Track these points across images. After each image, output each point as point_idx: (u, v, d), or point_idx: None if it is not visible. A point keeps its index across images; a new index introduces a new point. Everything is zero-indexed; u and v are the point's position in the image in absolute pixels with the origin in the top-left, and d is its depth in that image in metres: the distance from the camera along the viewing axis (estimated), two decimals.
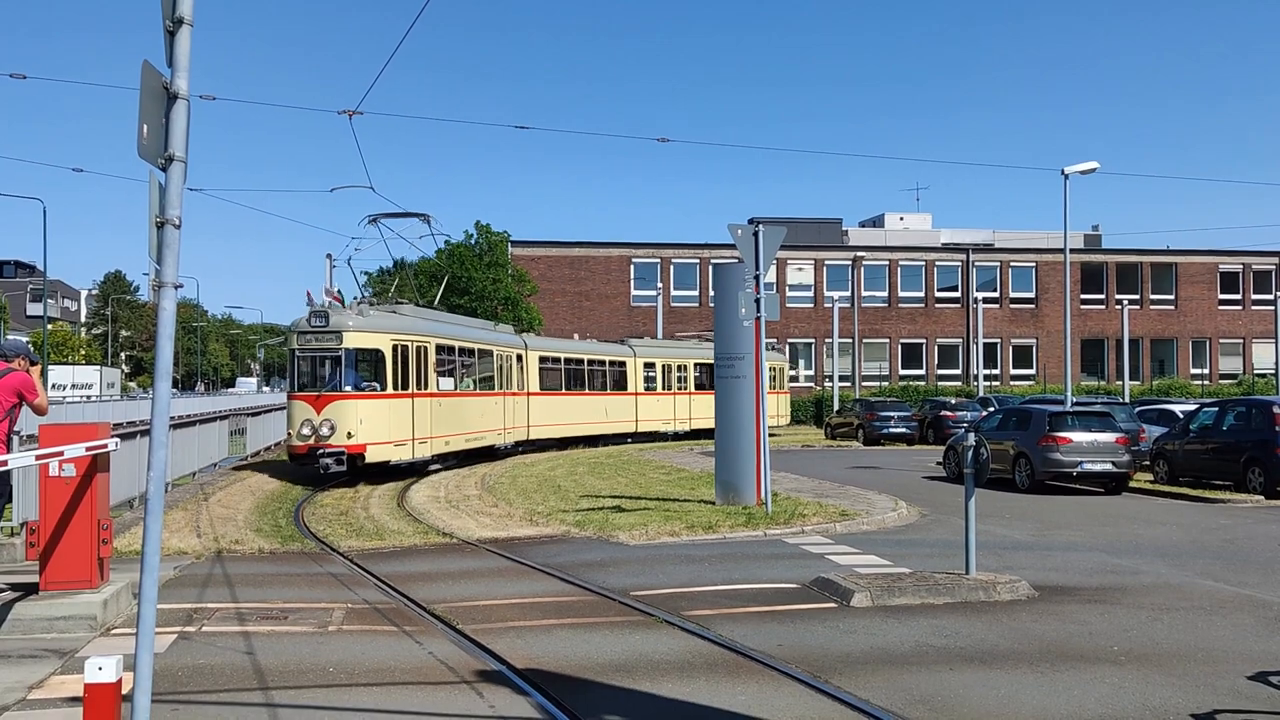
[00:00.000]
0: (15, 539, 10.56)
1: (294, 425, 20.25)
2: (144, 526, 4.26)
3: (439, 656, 7.40)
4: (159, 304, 4.31)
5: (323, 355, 20.50)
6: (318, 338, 20.37)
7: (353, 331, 20.43)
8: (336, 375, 20.35)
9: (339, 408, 20.00)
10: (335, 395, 20.12)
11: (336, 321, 20.43)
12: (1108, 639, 8.00)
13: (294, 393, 20.67)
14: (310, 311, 20.76)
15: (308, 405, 20.07)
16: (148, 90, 4.21)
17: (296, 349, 20.70)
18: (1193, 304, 55.77)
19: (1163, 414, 25.00)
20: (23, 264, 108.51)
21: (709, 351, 35.39)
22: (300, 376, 20.63)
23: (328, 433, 19.74)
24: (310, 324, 20.48)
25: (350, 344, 20.38)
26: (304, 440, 19.90)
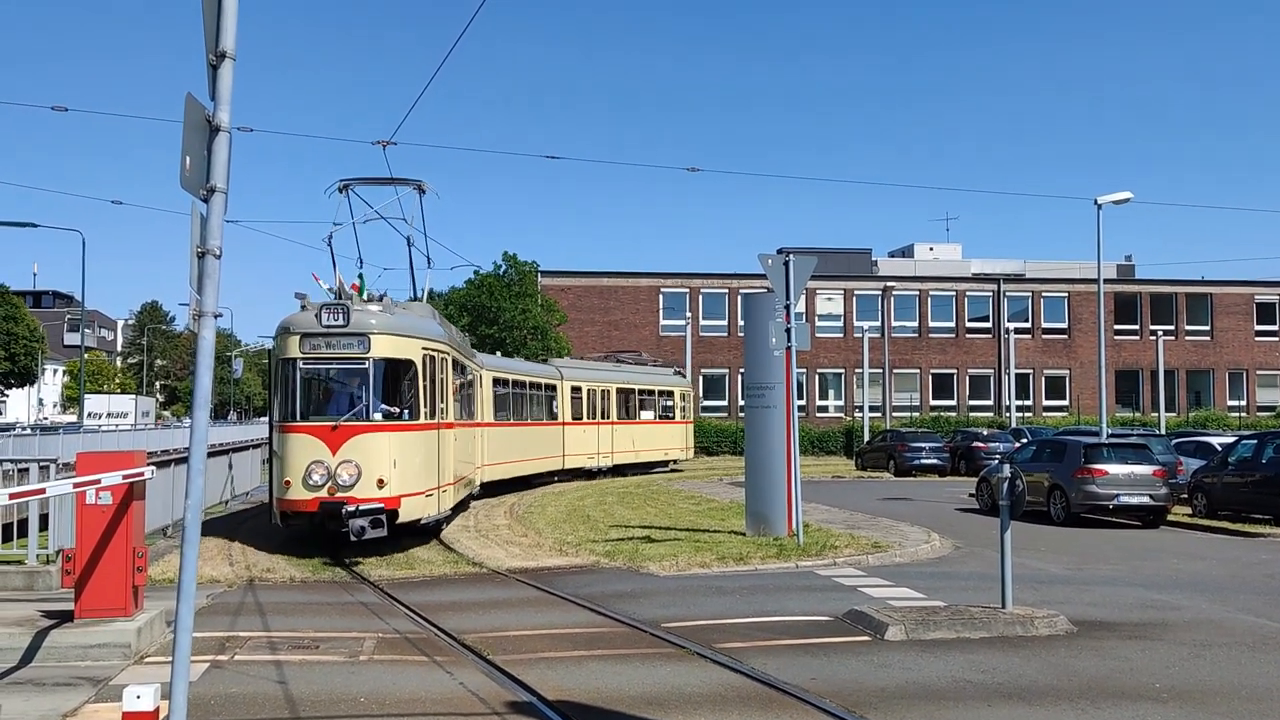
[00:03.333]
0: (50, 566, 10.69)
1: (293, 469, 14.05)
2: (181, 554, 4.28)
3: (470, 687, 7.36)
4: (198, 333, 4.35)
5: (341, 368, 14.66)
6: (333, 342, 14.37)
7: (383, 335, 14.52)
8: (362, 396, 14.46)
9: (366, 444, 14.11)
10: (362, 426, 14.18)
11: (360, 320, 14.44)
12: (1149, 676, 7.84)
13: (291, 422, 14.42)
14: (321, 306, 14.42)
15: (317, 440, 14.04)
16: (190, 123, 4.28)
17: (300, 358, 14.46)
18: (1229, 335, 55.05)
19: (1200, 446, 24.62)
20: (61, 294, 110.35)
21: (629, 375, 34.30)
22: (303, 398, 14.61)
23: (349, 480, 13.83)
24: (323, 323, 14.25)
25: (380, 352, 14.49)
26: (313, 491, 13.85)
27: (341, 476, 13.86)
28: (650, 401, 35.01)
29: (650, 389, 35.10)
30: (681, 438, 37.20)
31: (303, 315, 14.69)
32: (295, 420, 14.39)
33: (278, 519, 14.56)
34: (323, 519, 13.88)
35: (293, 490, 14.02)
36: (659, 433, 35.48)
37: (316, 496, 13.83)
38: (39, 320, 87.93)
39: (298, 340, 14.49)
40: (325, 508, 13.74)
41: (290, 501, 14.06)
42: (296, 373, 14.54)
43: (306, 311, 14.69)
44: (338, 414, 14.45)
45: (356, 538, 13.73)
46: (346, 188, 16.68)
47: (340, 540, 14.19)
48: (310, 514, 13.95)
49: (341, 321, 14.26)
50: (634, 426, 33.62)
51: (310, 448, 14.08)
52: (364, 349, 14.42)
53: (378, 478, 14.01)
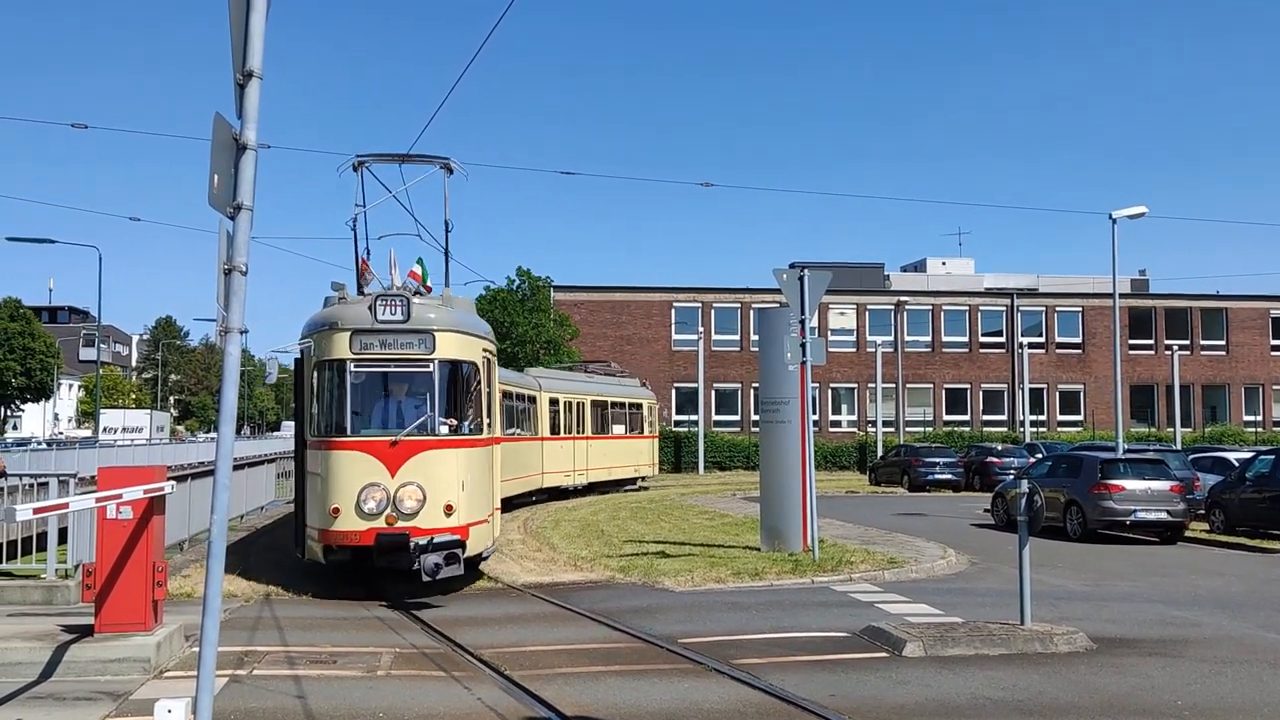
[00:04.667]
0: (69, 580, 10.73)
1: (342, 493, 11.80)
2: (206, 568, 4.30)
3: (488, 703, 7.36)
4: (224, 348, 4.39)
5: (400, 371, 12.50)
6: (389, 340, 12.25)
7: (447, 333, 12.48)
8: (425, 406, 12.37)
9: (432, 463, 11.97)
10: (426, 442, 12.05)
11: (422, 315, 12.35)
12: (1171, 693, 7.79)
13: (338, 436, 12.19)
14: (376, 297, 12.25)
15: (372, 459, 11.84)
16: (218, 141, 4.33)
17: (351, 360, 12.23)
18: (1244, 349, 54.75)
19: (1217, 462, 24.47)
20: (76, 310, 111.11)
21: (602, 387, 32.20)
22: (354, 408, 12.36)
23: (413, 506, 11.73)
24: (378, 318, 12.11)
25: (445, 353, 12.40)
26: (368, 520, 11.66)
27: (403, 502, 11.69)
28: (621, 415, 33.35)
29: (621, 401, 33.49)
30: (649, 453, 35.87)
31: (352, 308, 12.43)
32: (344, 434, 12.13)
33: (316, 554, 12.26)
34: (380, 555, 11.74)
35: (342, 519, 11.68)
36: (630, 448, 33.85)
37: (372, 527, 11.62)
38: (54, 336, 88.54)
39: (347, 338, 12.16)
40: (384, 541, 11.55)
41: (338, 534, 11.72)
42: (345, 377, 12.22)
43: (355, 304, 12.55)
44: (396, 427, 12.31)
45: (430, 577, 11.33)
46: (362, 164, 14.22)
47: (389, 577, 12.32)
48: (363, 548, 11.74)
49: (400, 316, 12.08)
50: (608, 442, 31.92)
51: (364, 468, 11.79)
52: (427, 349, 12.29)
53: (445, 503, 11.86)
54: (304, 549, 12.65)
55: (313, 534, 12.32)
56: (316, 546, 12.24)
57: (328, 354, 12.42)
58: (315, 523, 12.26)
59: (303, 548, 12.73)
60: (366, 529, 11.65)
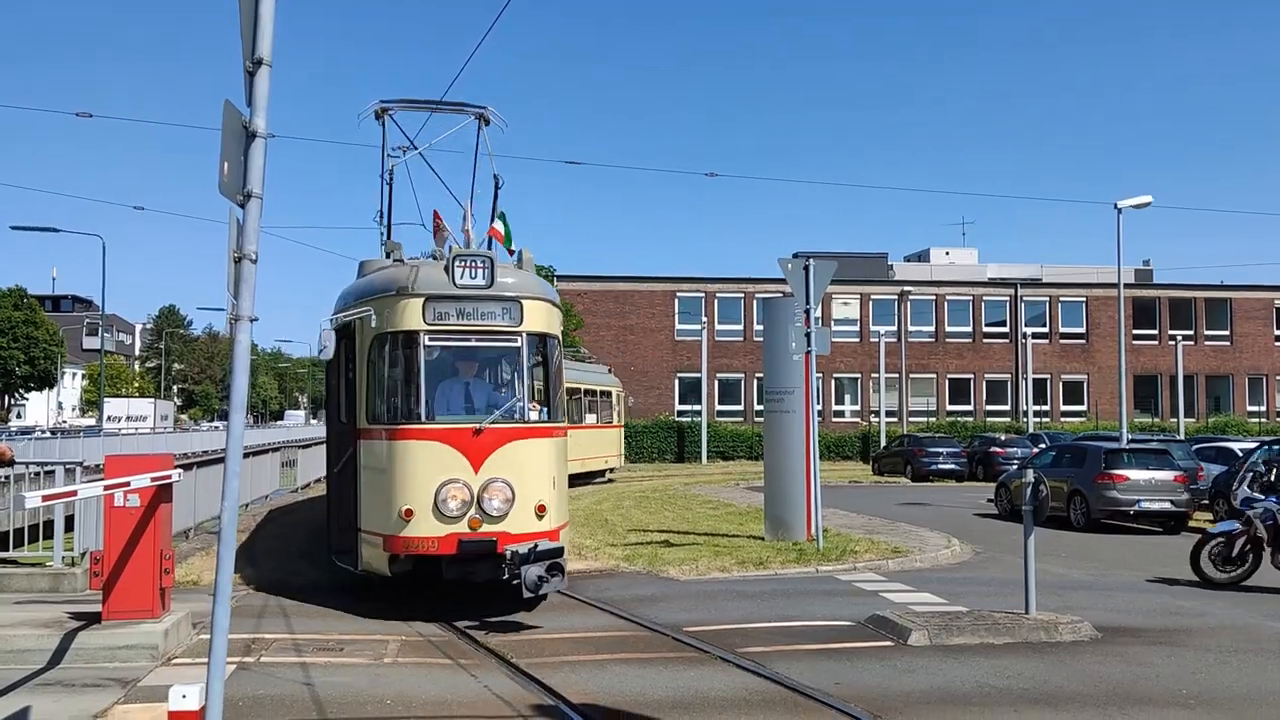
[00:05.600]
0: (76, 569, 10.77)
1: (416, 492, 9.94)
2: (218, 555, 4.32)
3: (495, 690, 7.39)
4: (234, 337, 4.40)
5: (483, 345, 10.75)
6: (470, 309, 10.40)
7: (534, 301, 10.76)
8: (512, 387, 10.75)
9: (522, 455, 10.26)
10: (515, 430, 10.31)
11: (506, 280, 10.60)
12: (1176, 681, 7.81)
13: (408, 423, 10.27)
14: (454, 257, 10.38)
15: (452, 450, 10.02)
16: (229, 129, 4.33)
17: (425, 331, 10.36)
18: (1248, 340, 54.68)
19: (1221, 452, 24.45)
20: (79, 298, 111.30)
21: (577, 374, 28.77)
22: (429, 389, 10.46)
23: (501, 507, 9.96)
24: (458, 282, 10.29)
25: (532, 325, 10.70)
26: (449, 524, 9.84)
27: (490, 502, 9.89)
28: (594, 403, 31.70)
29: (594, 389, 31.76)
30: (617, 444, 34.66)
31: (424, 270, 10.51)
32: (417, 421, 10.21)
33: (377, 564, 10.23)
34: (454, 565, 9.98)
35: (415, 523, 9.81)
36: (601, 438, 32.19)
37: (453, 532, 9.78)
38: (58, 324, 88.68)
39: (420, 306, 10.24)
40: (467, 548, 9.79)
41: (410, 540, 9.84)
42: (418, 352, 10.32)
43: (427, 265, 10.68)
44: (476, 412, 10.50)
45: (532, 593, 9.40)
46: (385, 111, 12.64)
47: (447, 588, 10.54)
48: (441, 558, 9.94)
49: (483, 280, 10.27)
50: (582, 431, 29.79)
51: (442, 461, 9.95)
52: (513, 320, 10.51)
53: (537, 502, 10.13)
54: (356, 558, 10.60)
55: (373, 540, 10.25)
56: (379, 555, 10.13)
57: (394, 324, 10.41)
58: (376, 527, 10.21)
59: (354, 557, 10.65)
60: (446, 534, 9.80)
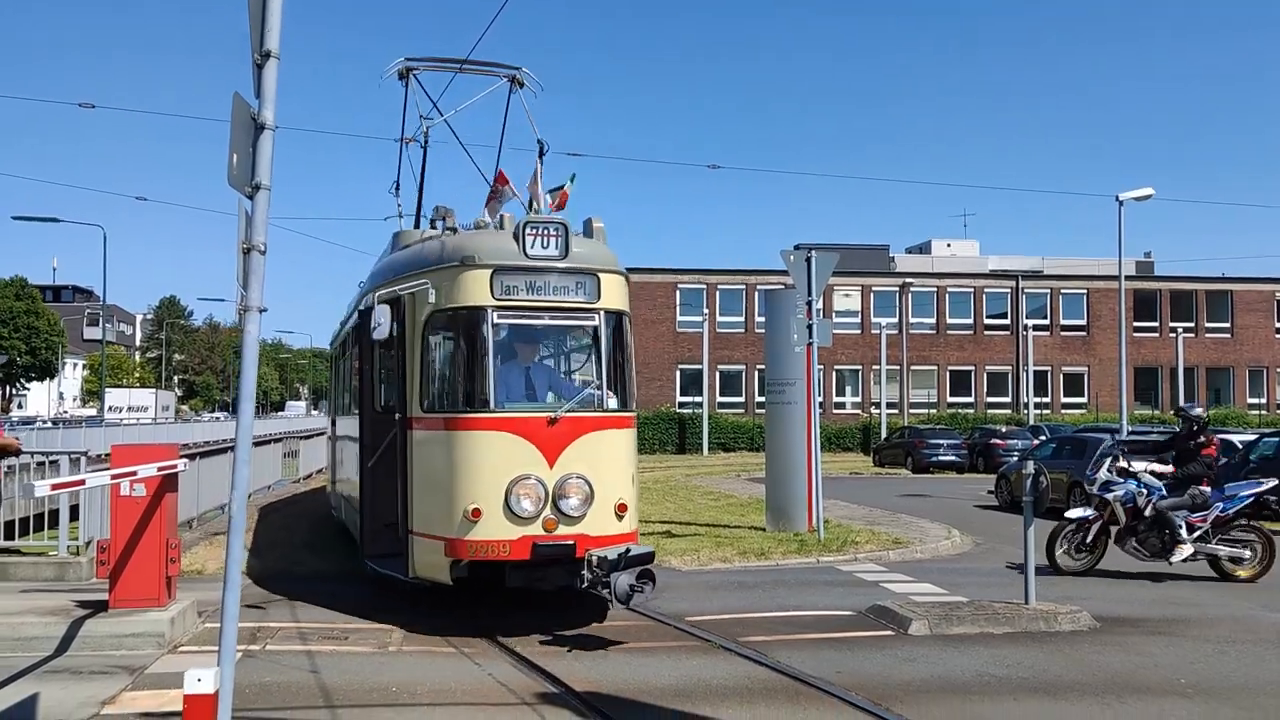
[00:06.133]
0: (81, 557, 10.85)
1: (483, 488, 8.75)
2: (227, 543, 4.38)
3: (498, 678, 7.45)
4: (244, 328, 4.45)
5: (557, 324, 9.75)
6: (542, 283, 9.19)
7: (611, 275, 9.60)
8: (590, 371, 9.66)
9: (600, 448, 9.12)
10: (593, 419, 9.16)
11: (581, 253, 9.40)
12: (1174, 671, 7.88)
13: (473, 411, 9.02)
14: (524, 224, 9.20)
15: (524, 442, 8.84)
16: (238, 121, 4.38)
17: (494, 307, 9.11)
18: (1249, 332, 54.69)
19: (1222, 444, 24.50)
20: (80, 289, 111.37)
21: None
22: (497, 373, 9.14)
23: (579, 506, 8.81)
24: (529, 252, 9.12)
25: (610, 301, 9.54)
26: (521, 525, 8.69)
27: (567, 500, 8.73)
28: None
29: None
30: None
31: (489, 238, 9.38)
32: (484, 409, 8.93)
33: (436, 571, 9.05)
34: (521, 571, 8.87)
35: (484, 525, 8.62)
36: None
37: (526, 534, 8.63)
38: (59, 314, 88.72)
39: (487, 279, 9.02)
40: (543, 553, 8.64)
41: (478, 544, 8.63)
42: (484, 331, 9.04)
43: (491, 234, 9.54)
44: (546, 399, 9.38)
45: (624, 603, 8.35)
46: (410, 71, 11.67)
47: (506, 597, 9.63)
48: (511, 564, 8.75)
49: (556, 251, 9.13)
50: None
51: (514, 454, 8.75)
52: (589, 296, 9.33)
53: (617, 501, 9.03)
54: (406, 564, 9.36)
55: (430, 545, 9.02)
56: (437, 561, 8.95)
57: (456, 299, 9.17)
58: (435, 529, 8.97)
59: (402, 563, 9.41)
60: (519, 537, 8.62)
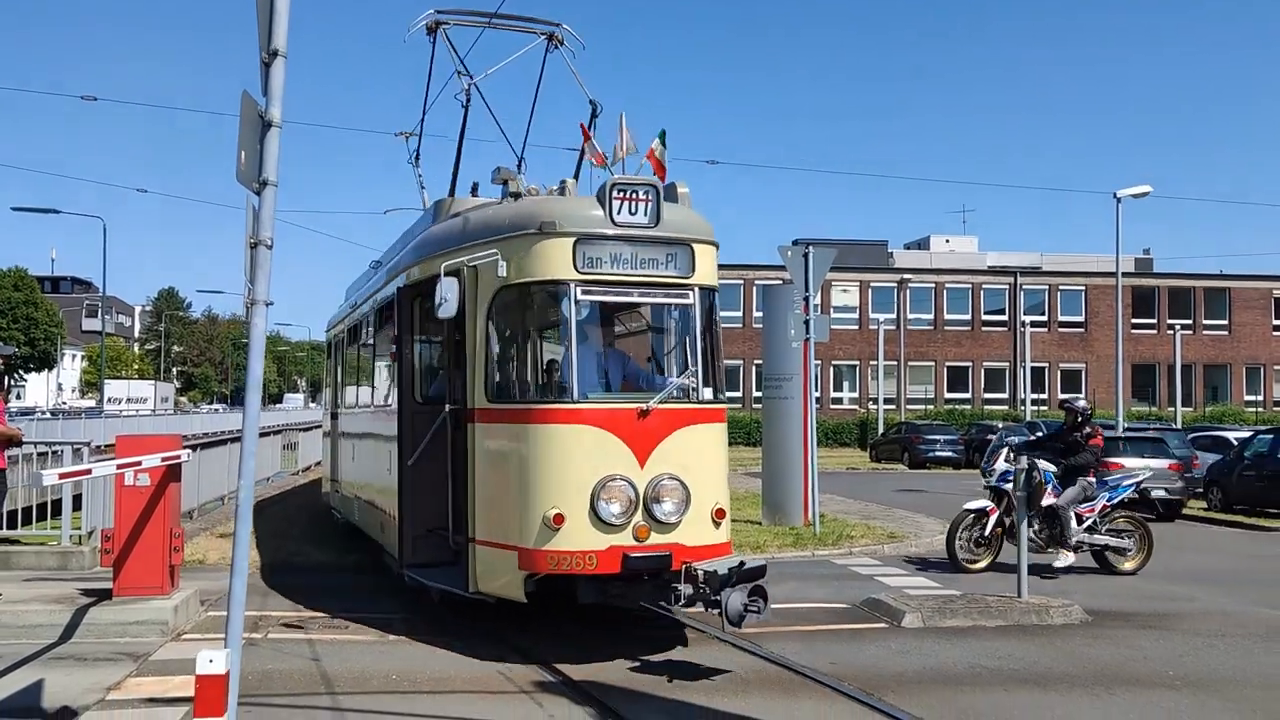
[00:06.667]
0: (83, 547, 10.94)
1: (565, 490, 7.64)
2: (235, 532, 4.49)
3: (497, 668, 7.55)
4: (251, 321, 4.55)
5: (646, 303, 8.70)
6: (632, 256, 8.00)
7: (706, 246, 8.39)
8: (682, 356, 8.48)
9: (695, 444, 8.04)
10: (687, 411, 8.09)
11: (674, 220, 8.21)
12: (1163, 664, 7.99)
13: (551, 401, 8.01)
14: (611, 186, 7.97)
15: (610, 437, 7.74)
16: (246, 119, 4.47)
17: (578, 282, 7.90)
18: (1247, 330, 54.87)
19: (1216, 441, 24.65)
20: (79, 280, 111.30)
21: None
22: (580, 357, 8.03)
23: (673, 511, 7.70)
24: (617, 219, 7.94)
25: (704, 276, 8.34)
26: (610, 533, 7.59)
27: (661, 504, 7.60)
28: None
29: None
30: None
31: (568, 204, 8.10)
32: (566, 399, 7.80)
33: (507, 587, 7.88)
34: (608, 585, 7.82)
35: (566, 533, 7.49)
36: None
37: (615, 544, 7.49)
38: (57, 305, 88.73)
39: (569, 249, 7.77)
40: (635, 566, 7.53)
41: (559, 555, 7.50)
42: (568, 309, 7.89)
43: (570, 200, 8.21)
44: (637, 387, 8.35)
45: (736, 625, 7.23)
46: (440, 25, 10.44)
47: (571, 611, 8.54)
48: (590, 578, 7.69)
49: (647, 218, 7.90)
50: None
51: (600, 451, 7.61)
52: (683, 270, 8.09)
53: (715, 506, 7.94)
54: (465, 578, 8.18)
55: (499, 555, 7.88)
56: (509, 575, 7.79)
57: (532, 272, 7.92)
58: (505, 537, 7.83)
59: (461, 576, 8.25)
60: (607, 547, 7.47)
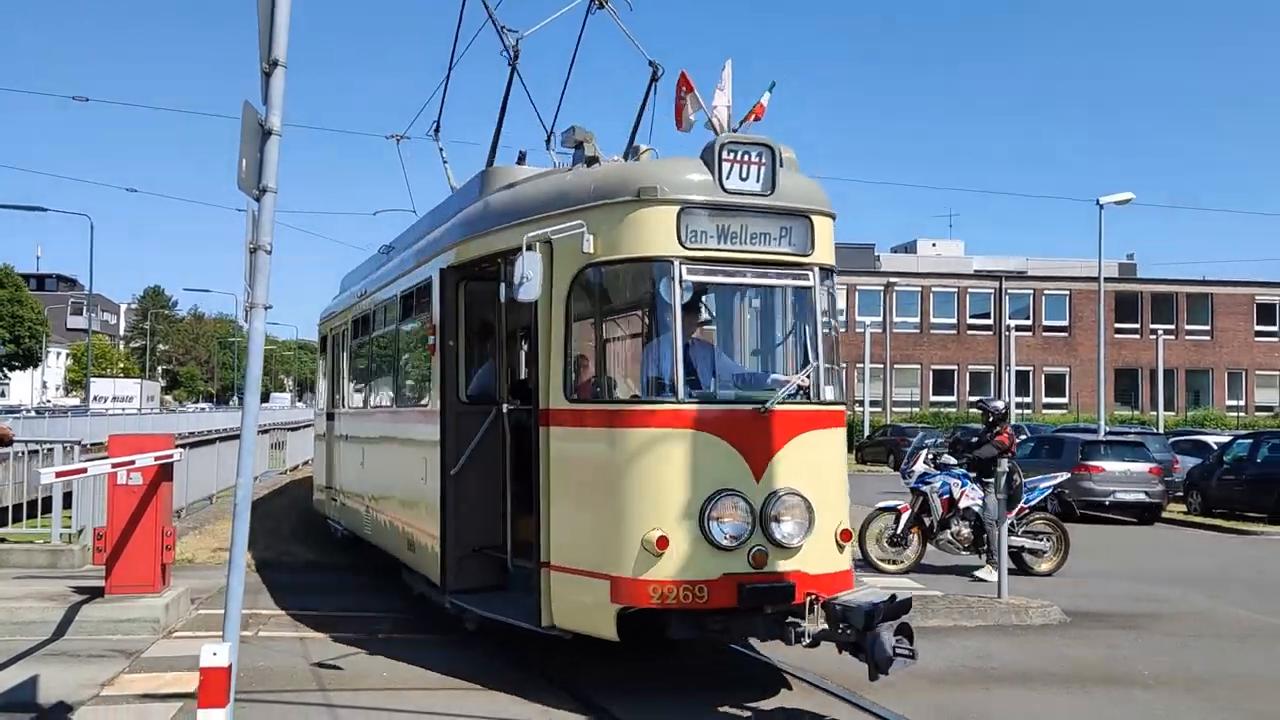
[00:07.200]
0: (74, 545, 11.01)
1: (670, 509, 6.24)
2: (233, 528, 4.60)
3: (486, 664, 7.66)
4: (250, 323, 4.66)
5: (760, 285, 7.20)
6: (738, 229, 6.58)
7: (826, 219, 6.99)
8: (801, 347, 7.15)
9: (817, 452, 6.71)
10: (810, 414, 6.74)
11: (790, 188, 6.77)
12: (1140, 663, 8.16)
13: (645, 403, 6.62)
14: (721, 145, 6.50)
15: (724, 445, 6.33)
16: (247, 127, 4.59)
17: (683, 259, 6.42)
18: (1228, 335, 55.34)
19: (1197, 445, 24.95)
20: (64, 277, 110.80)
21: None
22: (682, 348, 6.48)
23: (795, 534, 6.36)
24: (727, 185, 6.49)
25: (824, 255, 6.95)
26: (723, 558, 6.20)
27: (781, 524, 6.34)
28: None
29: None
30: None
31: (668, 167, 6.72)
32: (668, 399, 6.46)
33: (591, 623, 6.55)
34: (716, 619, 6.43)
35: (672, 559, 6.20)
36: None
37: (728, 573, 6.21)
38: (42, 303, 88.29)
39: (673, 220, 6.44)
40: (752, 597, 6.28)
41: (661, 586, 6.19)
42: (670, 291, 6.50)
43: (675, 161, 6.80)
44: (749, 384, 7.04)
45: (884, 672, 6.10)
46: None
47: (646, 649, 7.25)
48: (712, 613, 6.33)
49: (760, 185, 6.60)
50: None
51: (710, 461, 6.33)
52: (801, 246, 6.79)
53: (840, 526, 6.72)
54: (537, 610, 6.85)
55: (587, 586, 6.51)
56: (599, 608, 6.43)
57: (625, 247, 6.59)
58: (595, 564, 6.47)
59: (533, 609, 6.89)
60: (719, 576, 6.19)
